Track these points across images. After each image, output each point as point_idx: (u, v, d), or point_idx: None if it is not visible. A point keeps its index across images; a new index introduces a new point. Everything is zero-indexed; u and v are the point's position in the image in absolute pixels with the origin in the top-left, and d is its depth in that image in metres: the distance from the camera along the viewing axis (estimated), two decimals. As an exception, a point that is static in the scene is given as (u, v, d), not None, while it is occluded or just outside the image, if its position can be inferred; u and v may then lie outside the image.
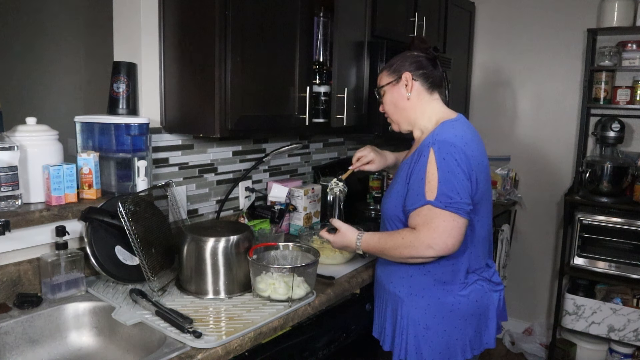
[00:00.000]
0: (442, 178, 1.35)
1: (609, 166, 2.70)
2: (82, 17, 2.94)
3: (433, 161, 1.37)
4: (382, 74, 1.58)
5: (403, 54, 1.56)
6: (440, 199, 1.34)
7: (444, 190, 1.34)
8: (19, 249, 1.43)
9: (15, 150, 1.39)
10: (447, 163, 1.36)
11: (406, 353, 1.49)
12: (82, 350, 1.39)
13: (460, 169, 1.36)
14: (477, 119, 3.35)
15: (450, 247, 1.36)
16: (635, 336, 2.61)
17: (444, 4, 2.76)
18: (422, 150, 1.42)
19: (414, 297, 1.48)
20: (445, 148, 1.37)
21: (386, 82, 1.55)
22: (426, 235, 1.36)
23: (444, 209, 1.34)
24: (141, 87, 1.71)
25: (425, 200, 1.36)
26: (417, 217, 1.38)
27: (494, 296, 1.53)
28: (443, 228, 1.34)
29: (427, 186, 1.36)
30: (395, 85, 1.54)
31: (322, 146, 2.58)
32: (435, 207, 1.35)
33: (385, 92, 1.57)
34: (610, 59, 2.79)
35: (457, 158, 1.36)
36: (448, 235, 1.35)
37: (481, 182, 1.43)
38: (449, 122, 1.48)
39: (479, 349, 1.52)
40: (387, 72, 1.56)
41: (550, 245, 3.24)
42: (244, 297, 1.49)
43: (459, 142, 1.39)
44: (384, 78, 1.57)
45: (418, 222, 1.38)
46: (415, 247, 1.37)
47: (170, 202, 1.75)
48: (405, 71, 1.51)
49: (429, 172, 1.37)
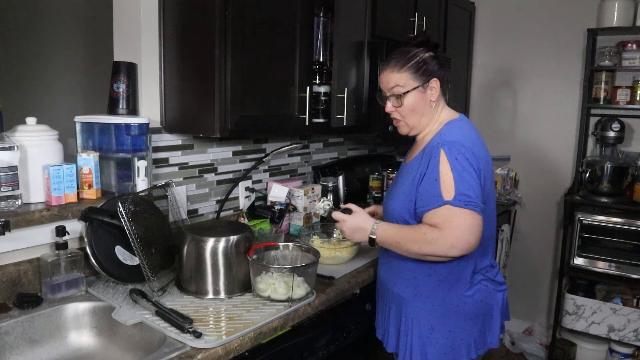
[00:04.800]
0: (458, 177, 1.35)
1: (609, 166, 2.70)
2: (82, 17, 2.94)
3: (445, 161, 1.37)
4: (404, 75, 1.46)
5: (417, 53, 1.47)
6: (459, 197, 1.34)
7: (461, 189, 1.34)
8: (19, 249, 1.43)
9: (15, 150, 1.39)
10: (459, 162, 1.36)
11: (411, 354, 1.49)
12: (82, 350, 1.39)
13: (472, 168, 1.37)
14: (477, 119, 3.35)
15: (472, 244, 1.35)
16: (635, 336, 2.61)
17: (444, 4, 2.76)
18: (432, 151, 1.41)
19: (418, 298, 1.48)
20: (455, 148, 1.38)
21: (412, 87, 1.45)
22: (450, 234, 1.33)
23: (464, 207, 1.33)
24: (141, 87, 1.71)
25: (443, 201, 1.35)
26: (435, 217, 1.36)
27: (498, 296, 1.53)
28: (465, 226, 1.33)
29: (442, 186, 1.35)
30: (422, 92, 1.47)
31: (322, 146, 2.58)
32: (454, 207, 1.33)
33: (408, 96, 1.46)
34: (610, 59, 2.79)
35: (468, 157, 1.37)
36: (470, 233, 1.34)
37: (487, 181, 1.44)
38: (454, 121, 1.49)
39: (484, 349, 1.52)
40: (412, 75, 1.45)
41: (550, 245, 3.24)
42: (244, 297, 1.49)
43: (467, 142, 1.40)
44: (409, 81, 1.45)
45: (437, 222, 1.36)
46: (438, 245, 1.34)
47: (170, 202, 1.75)
48: (435, 77, 1.46)
49: (442, 173, 1.36)
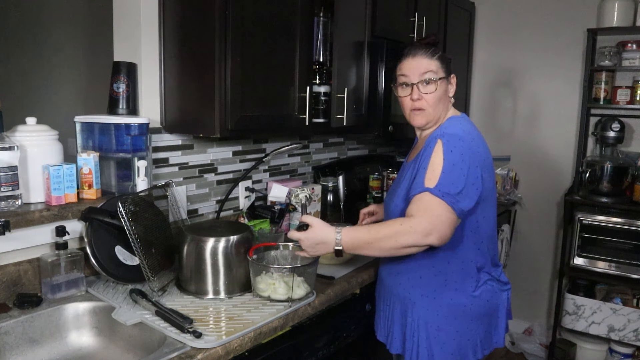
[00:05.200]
0: (446, 169, 1.34)
1: (609, 166, 2.70)
2: (82, 17, 2.94)
3: (440, 151, 1.36)
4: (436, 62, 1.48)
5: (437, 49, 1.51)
6: (439, 188, 1.32)
7: (445, 181, 1.32)
8: (19, 249, 1.43)
9: (15, 150, 1.39)
10: (453, 155, 1.35)
11: (417, 355, 1.48)
12: (82, 350, 1.39)
13: (465, 164, 1.35)
14: (477, 119, 3.34)
15: (445, 237, 1.30)
16: (635, 336, 2.61)
17: (444, 4, 2.76)
18: (430, 142, 1.42)
19: (425, 298, 1.47)
20: (453, 141, 1.38)
21: (442, 76, 1.48)
22: (426, 220, 1.29)
23: (442, 198, 1.31)
24: (141, 87, 1.71)
25: (424, 187, 1.33)
26: (415, 204, 1.33)
27: (503, 295, 1.54)
28: (442, 217, 1.30)
29: (429, 174, 1.34)
30: (449, 84, 1.52)
31: (322, 146, 2.58)
32: (433, 195, 1.31)
33: (438, 83, 1.47)
34: (610, 59, 2.79)
35: (463, 152, 1.37)
36: (445, 225, 1.30)
37: (486, 179, 1.43)
38: (455, 117, 1.50)
39: (489, 348, 1.52)
40: (443, 65, 1.49)
41: (550, 245, 3.23)
42: (244, 297, 1.49)
43: (466, 137, 1.40)
44: (440, 70, 1.48)
45: (417, 208, 1.32)
46: (416, 232, 1.28)
47: (170, 202, 1.75)
48: (453, 74, 1.53)
49: (433, 161, 1.36)
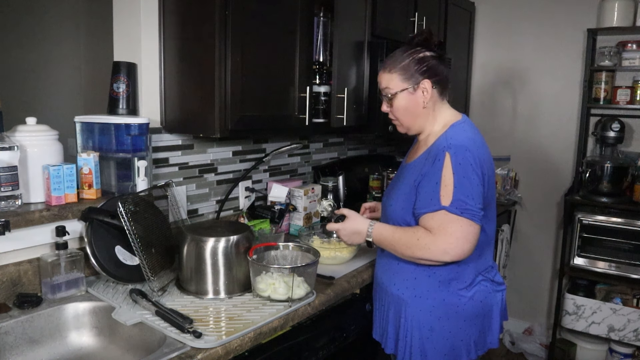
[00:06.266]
0: (458, 183, 1.34)
1: (609, 166, 2.70)
2: (82, 17, 2.94)
3: (449, 166, 1.36)
4: (393, 76, 1.45)
5: (410, 53, 1.45)
6: (456, 204, 1.34)
7: (459, 195, 1.34)
8: (19, 249, 1.43)
9: (15, 150, 1.39)
10: (463, 168, 1.35)
11: (410, 356, 1.48)
12: (82, 350, 1.39)
13: (475, 174, 1.36)
14: (477, 119, 3.34)
15: (466, 252, 1.37)
16: (635, 336, 2.61)
17: (444, 4, 2.76)
18: (437, 154, 1.40)
19: (418, 299, 1.47)
20: (461, 153, 1.36)
21: (401, 89, 1.44)
22: (443, 240, 1.35)
23: (460, 215, 1.34)
24: (141, 87, 1.71)
25: (440, 205, 1.35)
26: (431, 221, 1.37)
27: (498, 296, 1.53)
28: (459, 234, 1.34)
29: (442, 191, 1.35)
30: (411, 93, 1.45)
31: (322, 146, 2.58)
32: (450, 213, 1.34)
33: (397, 97, 1.46)
34: (610, 59, 2.79)
35: (472, 163, 1.36)
36: (465, 241, 1.35)
37: (489, 183, 1.44)
38: (458, 124, 1.46)
39: (483, 349, 1.52)
40: (400, 76, 1.44)
41: (550, 245, 3.23)
42: (244, 297, 1.49)
43: (472, 146, 1.39)
44: (398, 83, 1.45)
45: (433, 226, 1.37)
46: (430, 250, 1.37)
47: (170, 202, 1.75)
48: (425, 79, 1.43)
49: (445, 177, 1.36)
